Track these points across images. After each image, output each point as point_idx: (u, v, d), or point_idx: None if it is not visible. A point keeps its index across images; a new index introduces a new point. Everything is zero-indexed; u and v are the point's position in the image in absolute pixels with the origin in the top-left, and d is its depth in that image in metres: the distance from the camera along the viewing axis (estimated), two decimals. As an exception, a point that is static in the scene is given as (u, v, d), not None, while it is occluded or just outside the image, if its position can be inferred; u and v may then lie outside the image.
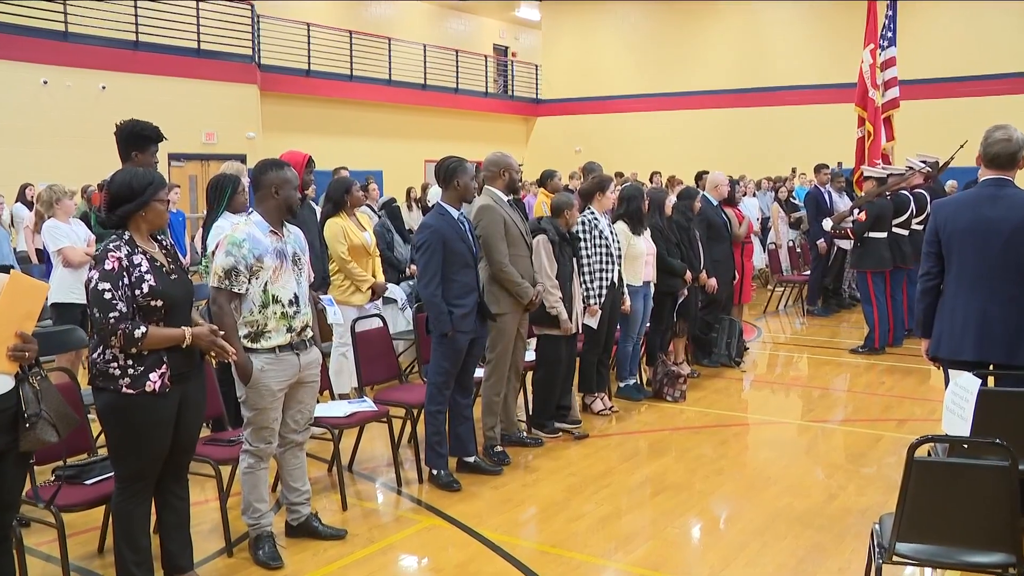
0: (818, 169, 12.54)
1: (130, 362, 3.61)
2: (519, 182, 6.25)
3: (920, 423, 7.03)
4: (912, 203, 9.97)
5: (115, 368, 3.60)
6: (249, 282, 4.21)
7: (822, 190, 12.23)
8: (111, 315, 3.52)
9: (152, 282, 3.63)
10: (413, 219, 13.70)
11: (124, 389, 3.60)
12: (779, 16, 23.52)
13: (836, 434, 6.97)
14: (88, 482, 4.11)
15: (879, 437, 6.70)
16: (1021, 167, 4.54)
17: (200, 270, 6.00)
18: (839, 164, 15.65)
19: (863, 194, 10.04)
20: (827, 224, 10.36)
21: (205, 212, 6.05)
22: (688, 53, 24.71)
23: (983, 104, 19.46)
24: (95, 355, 3.65)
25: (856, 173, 11.39)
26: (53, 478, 4.13)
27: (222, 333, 3.88)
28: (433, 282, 5.38)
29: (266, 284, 4.25)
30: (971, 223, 4.50)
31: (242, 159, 15.71)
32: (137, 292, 3.60)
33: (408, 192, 15.77)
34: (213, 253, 5.43)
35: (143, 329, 3.57)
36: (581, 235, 6.88)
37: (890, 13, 11.95)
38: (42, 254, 9.72)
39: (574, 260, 6.67)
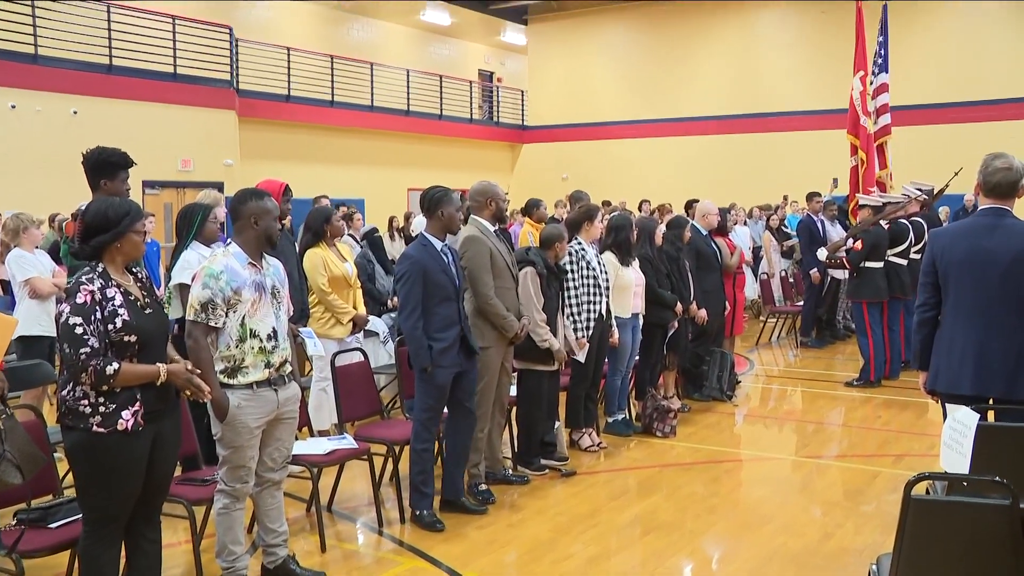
0: (810, 197, 12.62)
1: (101, 399, 3.57)
2: (506, 211, 6.27)
3: (918, 458, 7.04)
4: (911, 232, 10.02)
5: (85, 405, 3.57)
6: (226, 316, 4.19)
7: (814, 218, 12.30)
8: (82, 351, 3.49)
9: (126, 316, 3.60)
10: (396, 249, 13.70)
11: (95, 427, 3.56)
12: (771, 41, 23.77)
13: (831, 470, 6.97)
14: (53, 525, 4.02)
15: (876, 473, 6.70)
16: (1021, 196, 4.57)
17: (164, 301, 5.96)
18: (835, 181, 15.72)
19: (858, 222, 10.10)
20: (822, 254, 10.42)
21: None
22: (678, 78, 24.91)
23: (977, 130, 19.67)
24: (64, 392, 3.61)
25: (851, 202, 11.46)
26: (15, 522, 4.03)
27: (198, 372, 3.86)
28: (414, 315, 5.37)
29: (244, 318, 4.22)
30: (969, 253, 4.52)
31: (219, 187, 15.72)
32: (110, 327, 3.57)
33: (391, 221, 15.79)
34: (177, 286, 5.41)
35: (115, 365, 3.54)
36: (568, 266, 6.89)
37: (881, 39, 12.09)
38: (6, 285, 9.64)
39: (560, 295, 6.66)
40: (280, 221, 5.14)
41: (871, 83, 12.03)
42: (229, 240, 4.41)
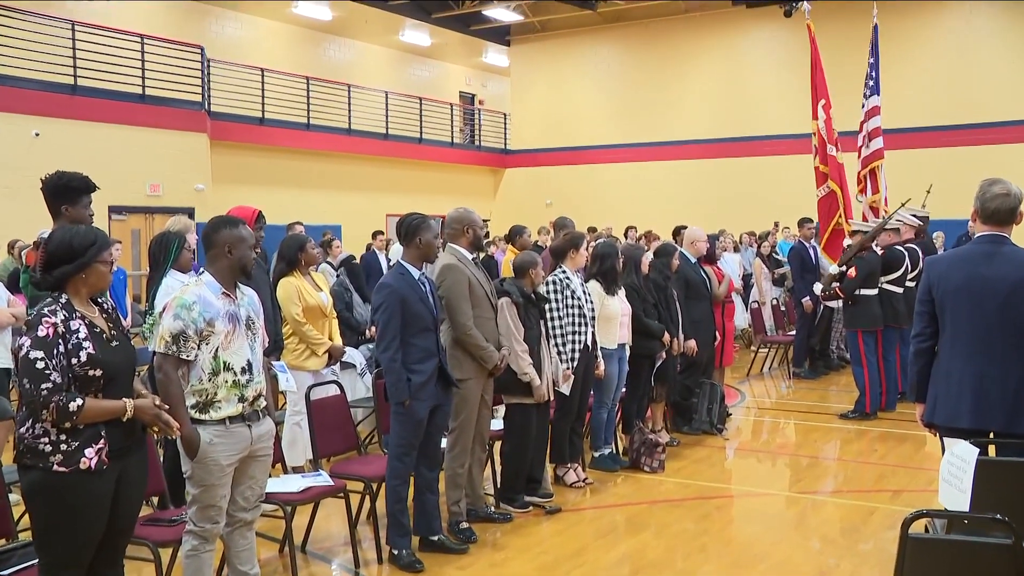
0: (802, 223, 12.69)
1: (63, 437, 3.53)
2: (484, 239, 6.28)
3: (917, 494, 7.03)
4: (906, 259, 10.07)
5: (46, 444, 3.52)
6: (199, 348, 4.16)
7: (806, 245, 12.37)
8: (43, 386, 3.45)
9: (91, 350, 3.58)
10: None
11: (55, 467, 3.51)
12: (761, 62, 23.96)
13: (827, 506, 6.96)
14: (5, 572, 3.93)
15: (873, 509, 6.70)
16: (1019, 222, 4.59)
17: (143, 331, 5.93)
18: None
19: (849, 245, 10.11)
20: (818, 288, 10.44)
21: (148, 270, 6.01)
22: (666, 101, 25.07)
23: (972, 154, 19.86)
24: (23, 429, 3.56)
25: (824, 237, 11.30)
26: (-36, 569, 3.98)
27: (167, 408, 3.82)
28: (392, 346, 5.36)
29: (217, 350, 4.19)
30: (966, 281, 4.52)
31: (190, 213, 15.66)
32: (74, 361, 3.54)
33: (368, 249, 15.75)
34: (161, 314, 5.40)
35: (79, 401, 3.50)
36: (552, 295, 6.89)
37: (872, 60, 12.19)
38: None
39: (541, 323, 6.65)
40: (254, 249, 5.14)
41: (862, 105, 12.13)
42: (202, 269, 4.39)
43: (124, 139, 16.59)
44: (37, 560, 3.70)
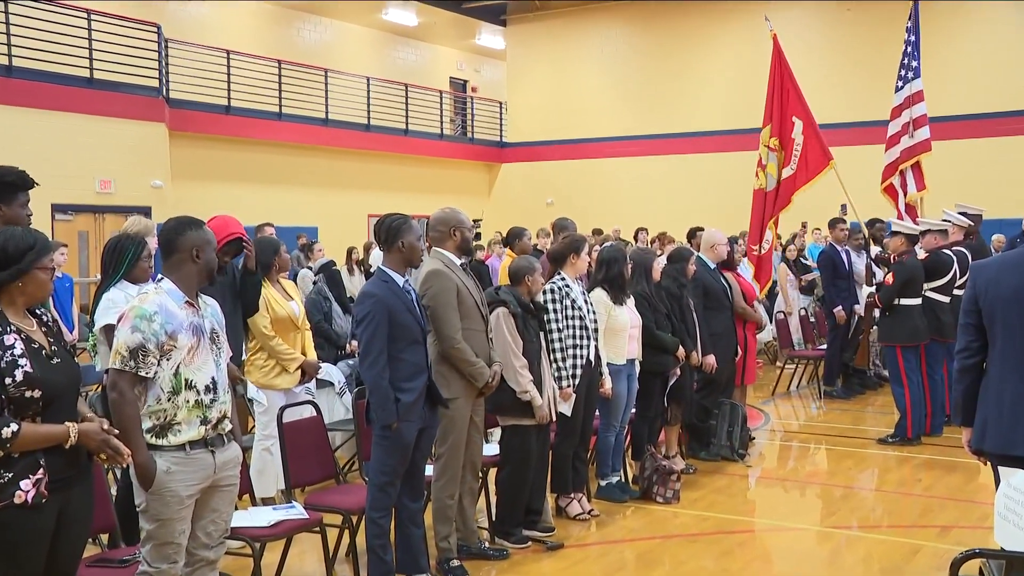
0: (833, 224, 12.67)
1: (-6, 468, 3.50)
2: (472, 242, 6.27)
3: (968, 531, 6.99)
4: (954, 264, 10.02)
5: (-27, 476, 3.50)
6: (159, 364, 4.13)
7: (838, 248, 12.33)
8: (-29, 410, 3.43)
9: (27, 368, 3.55)
10: (354, 285, 13.73)
11: (-15, 501, 3.50)
12: (786, 45, 23.61)
13: (863, 543, 6.95)
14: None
15: (917, 548, 6.67)
16: None
17: (88, 348, 5.89)
18: (843, 207, 15.81)
19: (880, 251, 10.11)
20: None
21: (100, 278, 5.97)
22: (681, 87, 25.10)
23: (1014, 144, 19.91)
24: (-52, 459, 3.53)
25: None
26: None
27: (115, 432, 3.78)
28: (379, 362, 5.34)
29: (178, 366, 4.16)
30: (1017, 289, 4.50)
31: (146, 212, 15.62)
32: (8, 381, 3.51)
33: (349, 253, 15.78)
34: (103, 329, 5.36)
35: (14, 427, 3.47)
36: (550, 305, 6.87)
37: (913, 39, 12.20)
38: None
39: (541, 335, 6.64)
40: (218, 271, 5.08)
41: (896, 88, 12.17)
42: (160, 276, 4.35)
43: (69, 128, 16.51)
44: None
